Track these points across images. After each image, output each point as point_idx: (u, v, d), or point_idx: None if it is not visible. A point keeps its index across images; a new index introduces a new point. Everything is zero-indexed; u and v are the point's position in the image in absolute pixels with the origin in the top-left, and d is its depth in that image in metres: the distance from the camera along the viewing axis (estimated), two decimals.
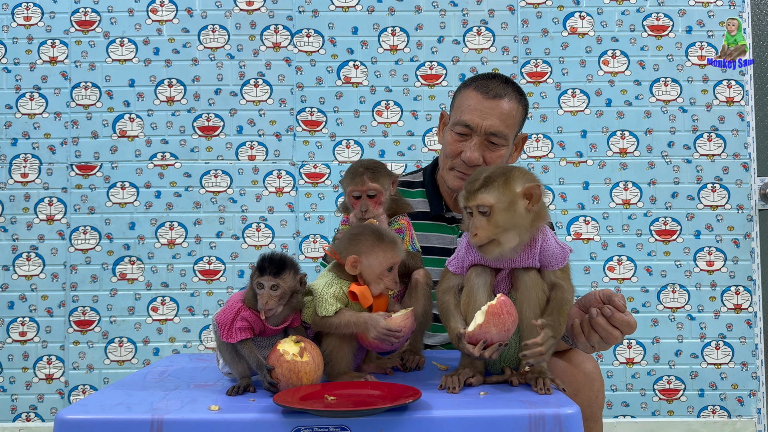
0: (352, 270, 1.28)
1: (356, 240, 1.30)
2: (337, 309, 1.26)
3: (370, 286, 1.28)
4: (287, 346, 1.19)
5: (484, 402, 1.12)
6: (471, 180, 1.25)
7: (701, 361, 2.76)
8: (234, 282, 2.77)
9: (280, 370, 1.17)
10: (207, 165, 2.80)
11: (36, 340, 2.75)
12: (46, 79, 2.80)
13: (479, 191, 1.22)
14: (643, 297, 2.78)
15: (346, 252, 1.29)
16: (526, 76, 2.82)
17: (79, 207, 2.78)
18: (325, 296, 1.27)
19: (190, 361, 1.54)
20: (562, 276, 1.26)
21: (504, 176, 1.23)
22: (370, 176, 1.43)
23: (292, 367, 1.17)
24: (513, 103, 1.65)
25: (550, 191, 2.80)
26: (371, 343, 1.29)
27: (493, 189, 1.22)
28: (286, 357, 1.18)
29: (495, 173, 1.24)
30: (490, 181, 1.22)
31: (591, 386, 1.50)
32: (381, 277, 1.28)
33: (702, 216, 2.79)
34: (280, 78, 2.82)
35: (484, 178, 1.23)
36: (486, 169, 1.27)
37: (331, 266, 1.34)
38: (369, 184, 1.42)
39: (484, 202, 1.21)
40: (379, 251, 1.28)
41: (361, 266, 1.28)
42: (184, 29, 2.82)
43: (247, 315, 1.21)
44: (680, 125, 2.81)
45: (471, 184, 1.24)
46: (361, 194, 1.43)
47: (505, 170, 1.25)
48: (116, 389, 1.26)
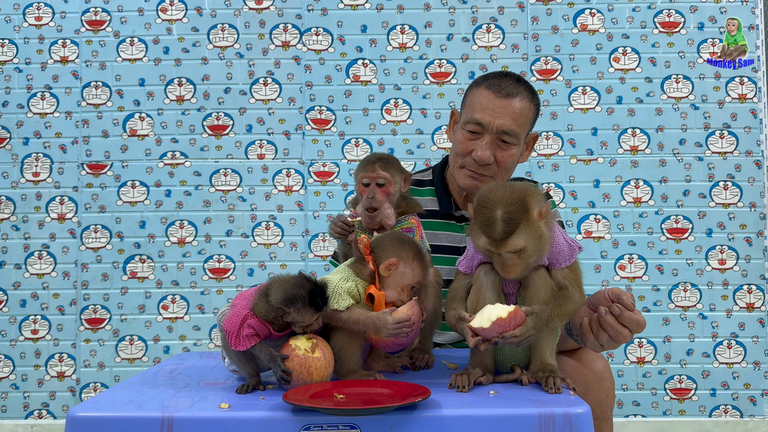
0: (384, 271, 1.28)
1: (401, 245, 1.30)
2: (349, 305, 1.27)
3: (387, 293, 1.29)
4: (299, 342, 1.19)
5: (493, 401, 1.12)
6: (488, 222, 1.19)
7: (713, 361, 2.75)
8: (244, 280, 2.78)
9: (291, 365, 1.17)
10: (217, 164, 2.81)
11: (48, 338, 2.77)
12: (57, 78, 2.82)
13: (509, 238, 1.18)
14: (655, 296, 2.77)
15: (386, 253, 1.29)
16: (536, 74, 2.81)
17: (90, 206, 2.80)
18: (339, 290, 1.27)
19: (200, 359, 1.55)
20: (570, 277, 1.26)
21: (522, 210, 1.18)
22: (381, 165, 1.43)
23: (303, 362, 1.17)
24: (525, 102, 1.64)
25: (560, 189, 2.79)
26: (383, 342, 1.29)
27: (521, 231, 1.18)
28: (298, 352, 1.18)
29: (511, 210, 1.18)
30: (513, 222, 1.18)
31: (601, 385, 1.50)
32: (403, 289, 1.29)
33: (714, 214, 2.77)
34: (289, 77, 2.83)
35: (504, 221, 1.18)
36: (493, 199, 1.21)
37: (351, 262, 1.34)
38: (379, 172, 1.42)
39: (516, 247, 1.19)
40: (417, 265, 1.29)
41: (394, 271, 1.28)
42: (193, 28, 2.83)
43: (253, 323, 1.21)
44: (692, 122, 2.79)
45: (491, 229, 1.19)
46: (371, 181, 1.43)
47: (518, 200, 1.19)
48: (127, 387, 1.26)
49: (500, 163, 1.63)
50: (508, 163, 1.64)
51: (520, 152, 1.68)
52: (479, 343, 1.19)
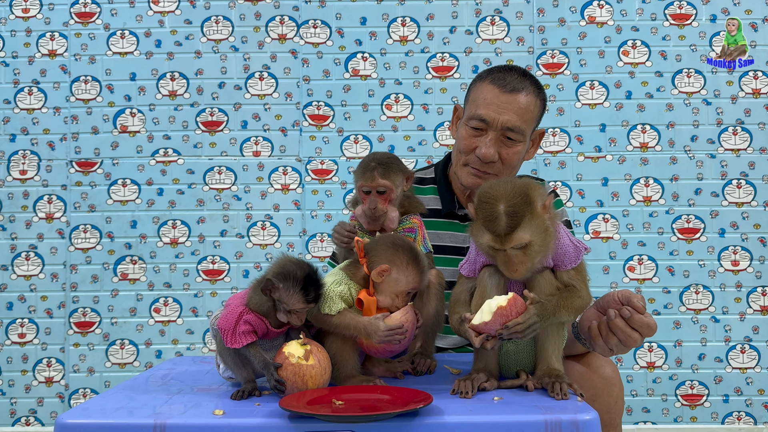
0: (376, 277, 1.28)
1: (394, 251, 1.29)
2: (340, 309, 1.27)
3: (380, 299, 1.28)
4: (292, 349, 1.19)
5: (498, 407, 1.12)
6: (491, 218, 1.18)
7: (726, 365, 2.74)
8: (239, 282, 2.78)
9: (285, 374, 1.18)
10: (210, 161, 2.81)
11: (35, 342, 2.77)
12: (45, 72, 2.82)
13: (514, 232, 1.17)
14: (665, 298, 2.76)
15: (379, 258, 1.29)
16: (542, 68, 2.81)
17: (79, 205, 2.80)
18: (331, 294, 1.27)
19: (193, 363, 1.55)
20: (576, 278, 1.25)
21: (526, 203, 1.18)
22: (381, 172, 1.42)
23: (296, 371, 1.17)
24: (531, 98, 1.63)
25: (567, 188, 2.79)
26: (375, 348, 1.29)
27: (526, 224, 1.17)
28: (291, 360, 1.18)
29: (515, 203, 1.18)
30: (517, 215, 1.17)
31: (610, 391, 1.50)
32: (398, 295, 1.29)
33: (727, 213, 2.77)
34: (286, 71, 2.83)
35: (507, 215, 1.17)
36: (494, 195, 1.20)
37: (345, 265, 1.34)
38: (379, 181, 1.41)
39: (521, 242, 1.18)
40: (411, 271, 1.28)
41: (387, 277, 1.28)
42: (186, 20, 2.83)
43: (250, 318, 1.21)
44: (704, 118, 2.79)
45: (495, 224, 1.18)
46: (371, 190, 1.42)
47: (521, 193, 1.19)
48: (118, 393, 1.26)
49: (505, 160, 1.63)
50: (513, 160, 1.64)
51: (526, 149, 1.68)
52: (485, 341, 1.18)
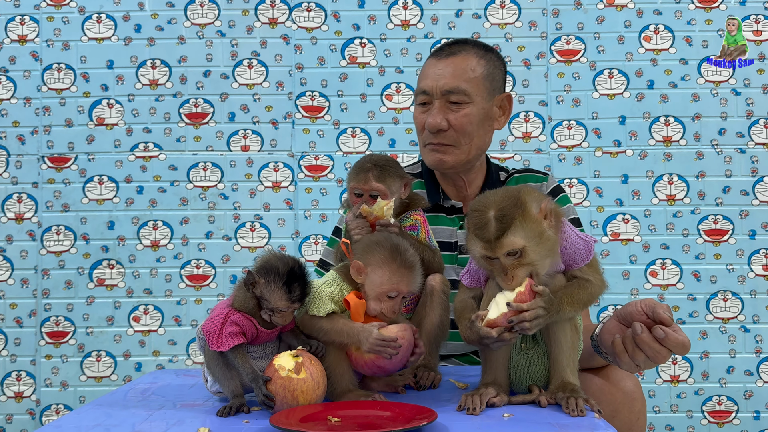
0: (356, 275, 1.29)
1: (372, 248, 1.30)
2: (329, 310, 1.27)
3: (369, 304, 1.29)
4: (283, 361, 1.20)
5: (508, 425, 1.12)
6: (478, 224, 1.19)
7: (756, 379, 2.75)
8: (225, 289, 2.78)
9: (273, 388, 1.18)
10: (195, 156, 2.82)
11: (4, 353, 2.78)
12: (15, 60, 2.82)
13: (504, 237, 1.17)
14: (691, 306, 2.77)
15: (356, 255, 1.30)
16: (556, 55, 2.82)
17: (51, 204, 2.80)
18: (320, 294, 1.28)
19: (176, 377, 1.55)
20: (588, 271, 1.27)
21: (516, 206, 1.18)
22: (375, 174, 1.42)
23: (286, 385, 1.18)
24: (470, 57, 1.69)
25: (583, 185, 2.79)
26: (363, 362, 1.28)
27: (517, 227, 1.17)
28: (281, 373, 1.18)
29: (504, 206, 1.18)
30: (506, 219, 1.17)
31: (631, 407, 1.50)
32: (380, 299, 1.28)
33: (757, 213, 2.77)
34: (277, 58, 2.83)
35: (496, 218, 1.18)
36: (485, 202, 1.21)
37: (340, 266, 1.35)
38: (372, 184, 1.42)
39: (512, 247, 1.18)
40: (385, 271, 1.28)
41: (366, 278, 1.29)
42: (168, 3, 2.83)
43: (237, 318, 1.22)
44: (733, 110, 2.79)
45: (482, 231, 1.18)
46: (363, 193, 1.43)
47: (512, 197, 1.20)
48: (94, 409, 1.26)
49: (456, 126, 1.67)
50: (465, 125, 1.67)
51: (482, 114, 1.69)
52: (502, 334, 1.19)
